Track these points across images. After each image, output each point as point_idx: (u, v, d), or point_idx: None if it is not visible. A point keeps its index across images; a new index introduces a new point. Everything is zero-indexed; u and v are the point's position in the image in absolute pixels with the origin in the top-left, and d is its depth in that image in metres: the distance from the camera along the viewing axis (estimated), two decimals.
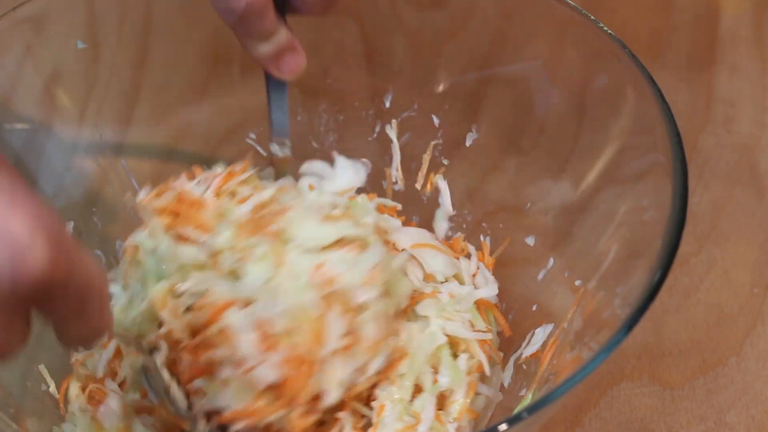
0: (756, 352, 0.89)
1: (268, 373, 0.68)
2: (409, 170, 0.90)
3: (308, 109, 0.92)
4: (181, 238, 0.73)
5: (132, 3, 0.91)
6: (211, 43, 0.91)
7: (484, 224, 0.87)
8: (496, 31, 0.87)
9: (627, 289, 0.69)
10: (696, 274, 0.94)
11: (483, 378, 0.80)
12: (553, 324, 0.79)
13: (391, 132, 0.90)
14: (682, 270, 0.94)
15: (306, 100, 0.91)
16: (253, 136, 0.92)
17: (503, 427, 0.61)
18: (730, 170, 1.01)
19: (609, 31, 0.77)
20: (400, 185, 0.90)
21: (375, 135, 0.90)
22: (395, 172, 0.90)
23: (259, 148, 0.91)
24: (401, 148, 0.90)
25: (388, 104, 0.89)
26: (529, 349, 0.80)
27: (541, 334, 0.79)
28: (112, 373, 0.82)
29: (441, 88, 0.89)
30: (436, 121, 0.88)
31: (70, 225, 0.86)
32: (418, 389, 0.76)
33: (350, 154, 0.90)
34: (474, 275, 0.85)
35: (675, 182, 0.69)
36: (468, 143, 0.87)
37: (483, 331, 0.80)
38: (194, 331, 0.70)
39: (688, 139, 1.02)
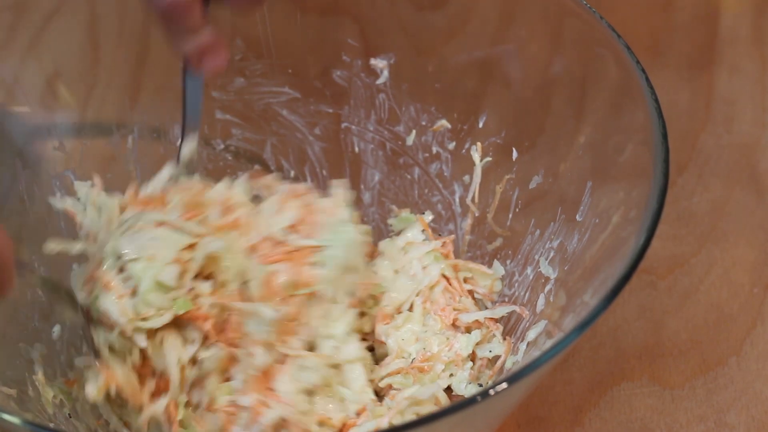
0: (756, 352, 0.89)
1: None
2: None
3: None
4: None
5: (132, 3, 0.91)
6: None
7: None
8: (495, 31, 0.87)
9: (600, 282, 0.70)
10: (696, 274, 0.94)
11: None
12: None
13: (475, 154, 0.89)
14: (682, 270, 0.94)
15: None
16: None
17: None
18: (730, 170, 1.01)
19: (611, 29, 0.77)
20: (474, 210, 0.89)
21: (463, 151, 0.90)
22: (471, 195, 0.89)
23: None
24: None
25: (481, 125, 0.88)
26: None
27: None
28: None
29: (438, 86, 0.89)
30: (515, 154, 0.87)
31: None
32: None
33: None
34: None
35: (654, 181, 0.69)
36: (532, 185, 0.85)
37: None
38: None
39: (688, 139, 1.03)
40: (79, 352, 0.84)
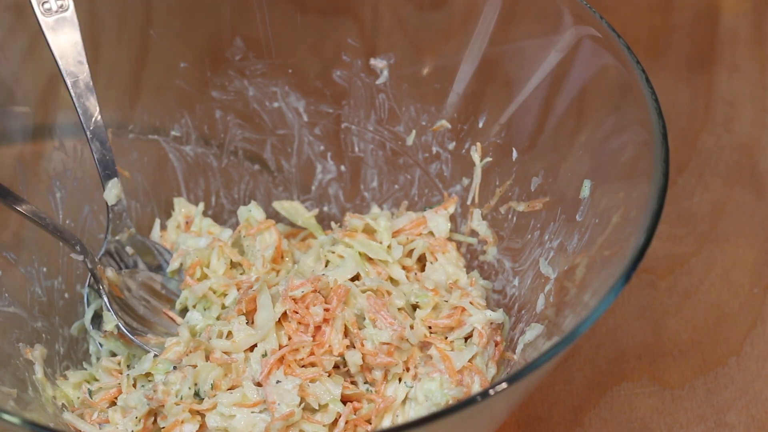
0: (756, 352, 0.89)
1: None
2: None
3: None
4: None
5: (132, 3, 0.91)
6: (211, 43, 0.92)
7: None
8: (495, 31, 0.87)
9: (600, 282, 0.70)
10: (696, 274, 0.94)
11: None
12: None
13: (475, 154, 0.89)
14: (682, 270, 0.94)
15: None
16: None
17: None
18: (730, 170, 1.01)
19: (611, 29, 0.77)
20: (474, 210, 0.89)
21: (463, 152, 0.89)
22: (471, 196, 0.88)
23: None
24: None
25: (481, 125, 0.88)
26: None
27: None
28: None
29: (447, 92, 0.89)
30: (515, 154, 0.86)
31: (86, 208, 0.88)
32: None
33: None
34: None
35: (654, 181, 0.69)
36: (533, 186, 0.85)
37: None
38: None
39: (688, 139, 1.03)
40: (78, 353, 0.85)
